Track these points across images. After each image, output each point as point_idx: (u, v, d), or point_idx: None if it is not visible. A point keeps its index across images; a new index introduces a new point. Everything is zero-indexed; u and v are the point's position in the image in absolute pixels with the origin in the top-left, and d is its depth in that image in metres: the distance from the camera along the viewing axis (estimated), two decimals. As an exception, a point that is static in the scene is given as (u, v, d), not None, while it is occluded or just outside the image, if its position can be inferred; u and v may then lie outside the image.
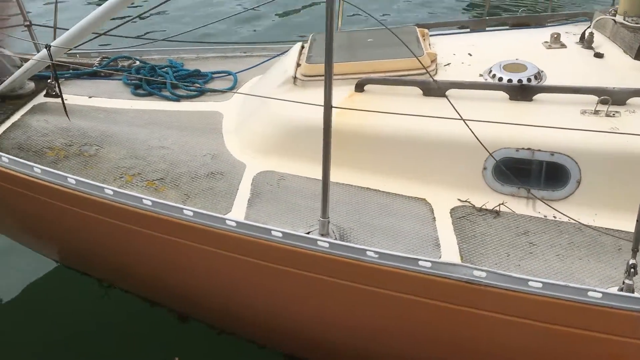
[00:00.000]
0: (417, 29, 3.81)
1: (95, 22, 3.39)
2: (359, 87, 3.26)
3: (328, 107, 2.39)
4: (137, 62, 4.47)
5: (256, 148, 3.30)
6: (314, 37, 3.82)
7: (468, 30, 4.24)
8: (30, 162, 2.98)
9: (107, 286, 4.32)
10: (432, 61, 3.40)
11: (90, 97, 3.94)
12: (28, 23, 4.24)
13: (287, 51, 4.31)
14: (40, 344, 3.97)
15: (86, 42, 3.54)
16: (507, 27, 4.31)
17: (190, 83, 4.20)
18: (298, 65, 3.56)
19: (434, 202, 2.92)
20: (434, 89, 3.12)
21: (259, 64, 4.39)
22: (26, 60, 3.83)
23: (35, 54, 3.71)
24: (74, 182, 2.89)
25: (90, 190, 2.85)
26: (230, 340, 3.78)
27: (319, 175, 3.05)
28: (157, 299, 3.73)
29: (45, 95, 3.88)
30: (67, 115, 3.43)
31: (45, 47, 3.20)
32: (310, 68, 3.38)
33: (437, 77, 3.33)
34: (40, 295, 4.44)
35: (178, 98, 3.99)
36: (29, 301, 4.40)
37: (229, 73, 4.36)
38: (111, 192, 2.81)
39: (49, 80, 3.88)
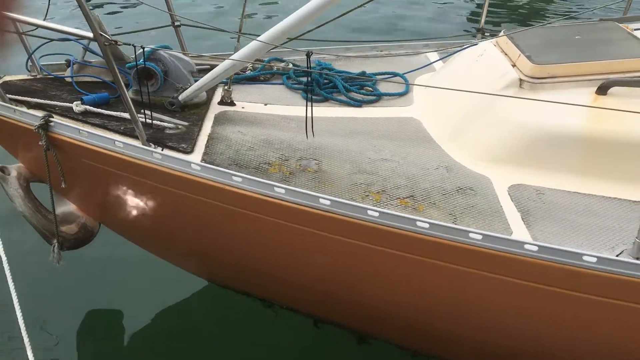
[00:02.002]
0: (621, 25, 3.56)
1: (300, 23, 3.07)
2: (603, 90, 2.99)
3: None
4: (291, 65, 4.16)
5: (491, 158, 3.01)
6: (511, 35, 3.54)
7: None
8: (270, 182, 2.67)
9: (268, 305, 4.03)
10: None
11: (265, 105, 3.63)
12: (178, 24, 3.90)
13: (457, 51, 4.03)
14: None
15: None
16: None
17: (360, 86, 3.90)
18: (513, 66, 3.27)
19: None
20: None
21: (427, 65, 4.10)
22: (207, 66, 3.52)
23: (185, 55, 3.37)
24: (328, 203, 2.59)
25: (352, 213, 2.55)
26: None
27: (581, 188, 2.80)
28: (362, 325, 3.45)
29: (219, 103, 3.55)
30: (308, 133, 3.10)
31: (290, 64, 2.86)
32: (541, 69, 3.09)
33: None
34: (197, 318, 4.13)
35: (360, 104, 3.69)
36: (186, 326, 4.09)
37: (395, 74, 4.06)
38: (376, 214, 2.52)
39: (225, 87, 3.55)
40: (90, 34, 2.63)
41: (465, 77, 3.53)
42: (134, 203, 3.27)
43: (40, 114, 3.05)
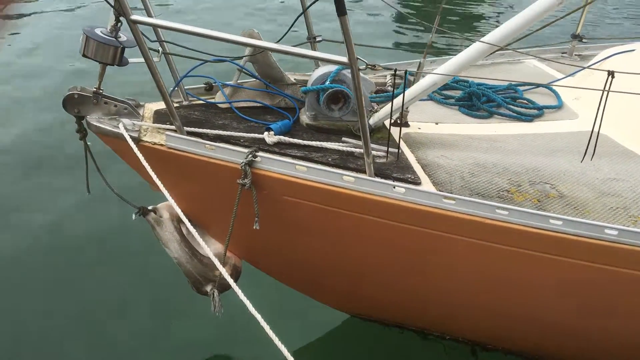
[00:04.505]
0: None
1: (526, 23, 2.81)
2: None
3: None
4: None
5: None
6: None
7: None
8: (545, 213, 2.44)
9: (424, 337, 3.77)
10: None
11: (437, 124, 3.37)
12: (320, 39, 3.55)
13: (596, 61, 3.93)
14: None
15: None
16: None
17: (512, 99, 3.72)
18: None
19: None
20: None
21: (576, 72, 3.99)
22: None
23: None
24: (615, 233, 2.39)
25: None
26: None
27: None
28: None
29: (393, 125, 3.24)
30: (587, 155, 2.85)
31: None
32: None
33: None
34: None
35: (531, 118, 3.50)
36: None
37: (539, 85, 3.92)
38: None
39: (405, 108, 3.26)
40: (344, 58, 2.29)
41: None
42: (336, 240, 2.93)
43: (242, 149, 2.67)
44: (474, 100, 3.55)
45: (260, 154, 2.65)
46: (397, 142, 2.90)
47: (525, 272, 2.62)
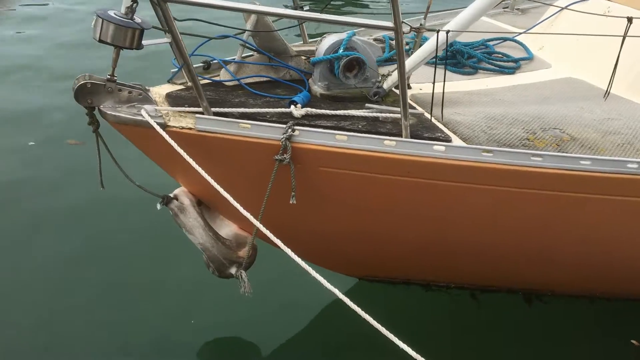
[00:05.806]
0: None
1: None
2: None
3: None
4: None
5: None
6: None
7: None
8: (574, 155, 2.65)
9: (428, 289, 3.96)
10: None
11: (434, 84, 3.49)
12: (307, 8, 3.56)
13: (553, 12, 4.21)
14: None
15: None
16: None
17: (488, 54, 3.93)
18: None
19: None
20: None
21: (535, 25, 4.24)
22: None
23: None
24: (636, 166, 2.66)
25: None
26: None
27: None
28: None
29: (396, 88, 3.34)
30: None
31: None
32: None
33: None
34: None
35: (514, 71, 3.72)
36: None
37: (505, 39, 4.15)
38: None
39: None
40: (389, 23, 2.33)
41: (602, 30, 3.63)
42: (371, 205, 2.99)
43: (278, 125, 2.65)
44: (459, 57, 3.69)
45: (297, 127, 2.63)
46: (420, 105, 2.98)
47: (559, 212, 2.82)
